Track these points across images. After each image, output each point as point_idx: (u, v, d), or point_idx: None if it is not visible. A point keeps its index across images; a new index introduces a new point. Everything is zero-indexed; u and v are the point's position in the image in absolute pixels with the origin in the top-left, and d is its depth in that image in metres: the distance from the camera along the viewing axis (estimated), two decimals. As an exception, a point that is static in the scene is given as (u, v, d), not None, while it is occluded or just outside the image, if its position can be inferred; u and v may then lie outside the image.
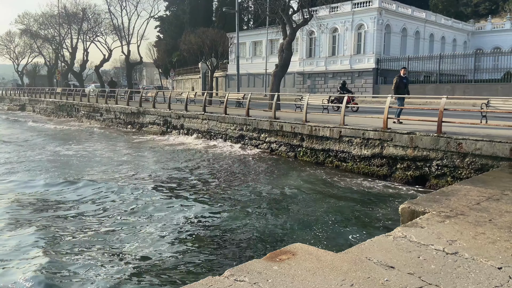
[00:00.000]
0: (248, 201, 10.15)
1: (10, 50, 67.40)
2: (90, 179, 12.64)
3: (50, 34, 52.11)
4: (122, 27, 40.63)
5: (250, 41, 49.25)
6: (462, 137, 10.59)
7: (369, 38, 36.01)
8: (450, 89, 29.28)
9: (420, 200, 6.23)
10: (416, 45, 40.34)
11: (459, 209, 5.64)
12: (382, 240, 4.52)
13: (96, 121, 30.95)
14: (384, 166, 12.39)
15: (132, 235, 7.80)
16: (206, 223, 8.52)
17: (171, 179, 12.88)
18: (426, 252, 4.15)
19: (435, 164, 11.16)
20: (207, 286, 3.40)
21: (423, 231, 4.75)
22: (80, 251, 7.05)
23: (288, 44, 22.48)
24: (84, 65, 49.70)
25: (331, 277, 3.56)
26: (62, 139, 22.67)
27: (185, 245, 7.24)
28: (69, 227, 8.33)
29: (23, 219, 8.91)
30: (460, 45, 45.65)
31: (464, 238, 4.56)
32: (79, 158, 16.81)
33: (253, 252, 6.77)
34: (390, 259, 3.96)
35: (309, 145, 14.70)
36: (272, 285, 3.39)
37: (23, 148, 19.68)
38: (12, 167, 14.87)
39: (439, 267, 3.80)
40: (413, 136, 11.60)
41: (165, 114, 22.98)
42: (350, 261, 3.92)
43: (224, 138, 18.76)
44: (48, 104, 41.46)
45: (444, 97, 11.56)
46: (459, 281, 3.54)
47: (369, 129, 12.76)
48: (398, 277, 3.59)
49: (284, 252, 4.12)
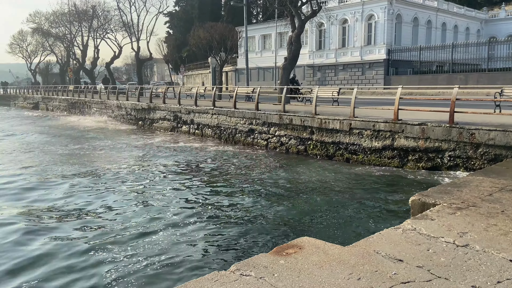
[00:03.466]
0: (255, 195, 10.14)
1: (23, 49, 68.43)
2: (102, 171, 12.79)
3: (61, 32, 52.69)
4: (131, 23, 40.87)
5: (259, 35, 49.05)
6: (475, 127, 10.39)
7: (380, 28, 35.55)
8: (463, 79, 28.79)
9: (431, 191, 6.12)
10: (428, 35, 39.68)
11: (471, 201, 5.54)
12: (391, 233, 4.45)
13: (108, 117, 31.24)
14: (395, 158, 12.25)
15: (138, 229, 7.86)
16: (212, 217, 8.54)
17: (178, 173, 12.94)
18: (436, 245, 4.08)
19: (447, 155, 10.99)
20: (213, 280, 3.39)
21: (433, 223, 4.67)
22: (86, 243, 7.13)
23: (297, 36, 22.30)
24: (95, 62, 50.21)
25: (338, 271, 3.52)
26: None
27: (192, 240, 7.26)
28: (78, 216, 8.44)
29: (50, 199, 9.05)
30: (473, 33, 44.77)
31: (476, 230, 4.47)
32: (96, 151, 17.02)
33: (260, 246, 6.76)
34: (399, 252, 3.90)
35: (319, 138, 14.61)
36: (278, 279, 3.37)
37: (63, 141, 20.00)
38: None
39: (449, 260, 3.73)
40: (424, 127, 11.43)
41: (175, 109, 23.06)
42: (357, 254, 3.87)
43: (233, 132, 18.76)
44: (61, 102, 41.98)
45: (456, 86, 11.35)
46: (469, 274, 3.47)
47: (379, 121, 12.61)
48: (406, 270, 3.53)
49: (291, 246, 4.09)
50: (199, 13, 61.65)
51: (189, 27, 57.20)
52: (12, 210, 9.51)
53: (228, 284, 3.31)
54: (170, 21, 71.14)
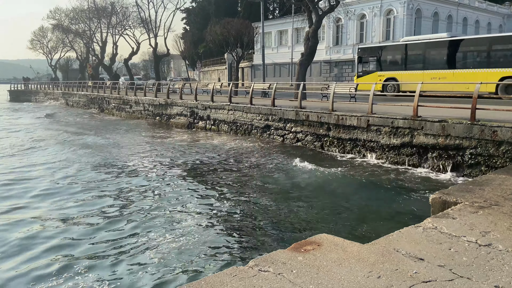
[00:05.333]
0: (273, 192, 10.13)
1: (43, 45, 69.66)
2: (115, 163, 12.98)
3: (80, 28, 53.38)
4: (149, 20, 41.04)
5: (276, 30, 48.82)
6: (497, 124, 10.14)
7: (399, 23, 34.97)
8: (485, 75, 28.06)
9: (452, 190, 6.01)
10: (448, 30, 38.82)
11: (493, 199, 5.41)
12: (411, 231, 4.39)
13: (126, 113, 31.63)
14: (414, 155, 12.05)
15: (157, 224, 7.95)
16: (230, 213, 8.58)
17: (195, 169, 13.03)
18: (457, 244, 4.00)
19: (468, 153, 10.76)
20: (231, 275, 3.40)
21: (454, 222, 4.58)
22: (96, 238, 7.25)
23: (314, 32, 22.10)
24: (114, 58, 50.73)
25: (357, 269, 3.49)
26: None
27: (211, 235, 7.31)
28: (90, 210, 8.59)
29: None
30: (495, 28, 43.65)
31: (498, 229, 4.37)
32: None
33: (278, 242, 6.76)
34: (420, 251, 3.84)
35: (335, 135, 14.48)
36: (297, 276, 3.36)
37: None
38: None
39: (471, 259, 3.65)
40: (445, 124, 11.21)
41: (192, 105, 23.18)
42: (377, 252, 3.83)
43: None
44: (81, 97, 42.69)
45: (478, 83, 11.09)
46: (492, 273, 3.40)
47: (398, 118, 12.42)
48: (427, 269, 3.48)
49: (309, 243, 4.07)
50: (215, 9, 61.71)
51: (205, 23, 57.35)
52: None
53: (246, 279, 3.32)
54: (187, 17, 71.41)
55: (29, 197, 10.35)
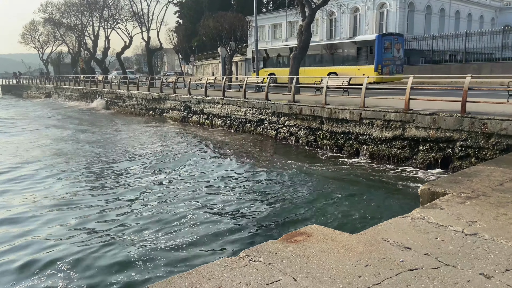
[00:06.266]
0: (264, 185, 10.20)
1: (35, 39, 68.92)
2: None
3: (72, 22, 52.90)
4: (141, 13, 40.77)
5: (269, 24, 48.70)
6: (487, 117, 10.26)
7: (392, 17, 35.05)
8: (477, 68, 28.31)
9: (441, 181, 6.10)
10: (441, 23, 39.02)
11: (481, 190, 5.51)
12: (400, 221, 4.47)
13: (119, 107, 31.48)
14: (406, 148, 12.17)
15: (148, 216, 8.01)
16: (221, 206, 8.63)
17: (188, 161, 13.06)
18: (444, 233, 4.09)
19: (458, 145, 10.89)
20: (223, 266, 3.46)
21: (442, 212, 4.67)
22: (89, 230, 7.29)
23: (307, 25, 22.08)
24: (106, 52, 50.39)
25: (346, 258, 3.56)
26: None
27: (202, 228, 7.38)
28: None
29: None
30: (488, 22, 43.90)
31: (485, 219, 4.46)
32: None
33: (270, 234, 6.83)
34: (407, 240, 3.92)
35: (328, 128, 14.56)
36: (287, 265, 3.42)
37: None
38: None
39: (457, 248, 3.74)
40: (436, 117, 11.32)
41: (186, 99, 23.13)
42: (365, 242, 3.91)
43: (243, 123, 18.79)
44: (73, 92, 42.39)
45: (468, 76, 11.19)
46: (477, 262, 3.49)
47: (390, 111, 12.51)
48: (414, 258, 3.56)
49: (299, 234, 4.13)
50: (209, 3, 61.31)
51: (199, 16, 56.94)
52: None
53: (237, 269, 3.37)
54: (180, 10, 70.89)
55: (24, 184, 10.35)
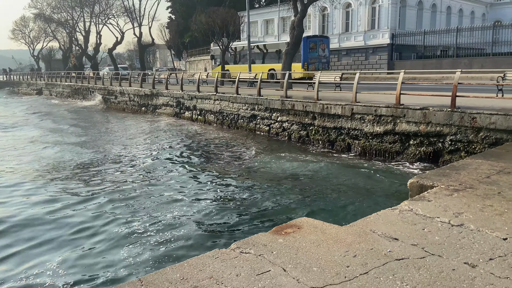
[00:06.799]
0: (255, 179, 10.26)
1: (25, 35, 68.13)
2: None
3: (63, 18, 52.34)
4: (133, 8, 40.54)
5: (262, 20, 48.59)
6: (477, 111, 10.40)
7: (384, 12, 35.14)
8: (468, 63, 28.55)
9: (430, 174, 6.21)
10: (432, 19, 39.20)
11: (468, 183, 5.62)
12: (388, 213, 4.56)
13: (111, 103, 31.32)
14: (397, 142, 12.29)
15: (140, 208, 8.04)
16: (212, 200, 8.69)
17: (179, 156, 13.08)
18: (431, 225, 4.18)
19: (448, 140, 11.03)
20: (214, 257, 3.52)
21: (429, 204, 4.77)
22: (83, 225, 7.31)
23: (299, 21, 22.10)
24: (98, 48, 49.96)
25: (334, 249, 3.64)
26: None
27: (193, 221, 7.44)
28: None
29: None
30: (479, 17, 44.18)
31: (471, 210, 4.56)
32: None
33: (260, 227, 6.91)
34: (395, 232, 4.00)
35: (321, 124, 14.64)
36: (277, 257, 3.49)
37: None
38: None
39: (443, 239, 3.83)
40: (426, 111, 11.43)
41: (178, 95, 23.08)
42: (354, 233, 3.98)
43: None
44: (64, 88, 42.06)
45: (458, 71, 11.31)
46: (462, 251, 3.58)
47: (381, 106, 12.61)
48: (401, 248, 3.64)
49: (289, 226, 4.20)
50: (201, -2, 60.92)
51: (191, 12, 56.58)
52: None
53: (228, 261, 3.43)
54: (172, 6, 70.40)
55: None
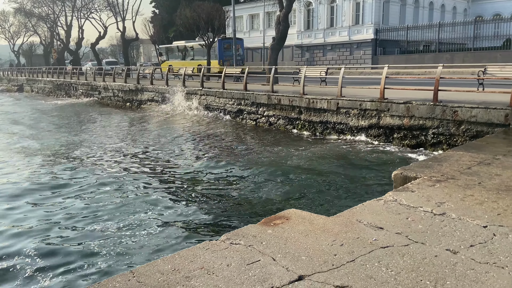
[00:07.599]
0: (245, 172, 10.34)
1: (5, 29, 66.51)
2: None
3: (44, 12, 51.26)
4: (116, 3, 39.99)
5: (247, 14, 48.49)
6: (458, 105, 10.66)
7: (368, 8, 35.46)
8: (450, 58, 29.09)
9: (413, 166, 6.37)
10: (415, 14, 39.73)
11: (450, 174, 5.79)
12: (373, 204, 4.69)
13: (95, 99, 30.93)
14: (381, 136, 12.52)
15: (131, 202, 8.04)
16: (202, 193, 8.74)
17: (169, 150, 13.06)
18: (414, 214, 4.32)
19: (431, 133, 11.28)
20: (204, 249, 3.58)
21: (413, 195, 4.91)
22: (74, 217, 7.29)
23: (285, 16, 22.18)
24: (80, 43, 49.12)
25: (322, 238, 3.74)
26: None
27: (184, 213, 7.49)
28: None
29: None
30: (460, 12, 44.93)
31: (453, 200, 4.72)
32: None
33: (250, 219, 7.00)
34: (380, 221, 4.13)
35: (307, 118, 14.79)
36: (266, 247, 3.57)
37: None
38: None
39: (426, 227, 3.97)
40: (409, 105, 11.67)
41: (163, 90, 22.95)
42: (341, 223, 4.09)
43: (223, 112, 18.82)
44: (46, 84, 41.30)
45: (440, 65, 11.56)
46: (444, 239, 3.72)
47: (366, 100, 12.81)
48: (386, 236, 3.76)
49: (278, 217, 4.29)
50: (186, -8, 60.35)
51: (175, 6, 55.99)
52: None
53: (218, 252, 3.50)
54: (155, 0, 69.59)
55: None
